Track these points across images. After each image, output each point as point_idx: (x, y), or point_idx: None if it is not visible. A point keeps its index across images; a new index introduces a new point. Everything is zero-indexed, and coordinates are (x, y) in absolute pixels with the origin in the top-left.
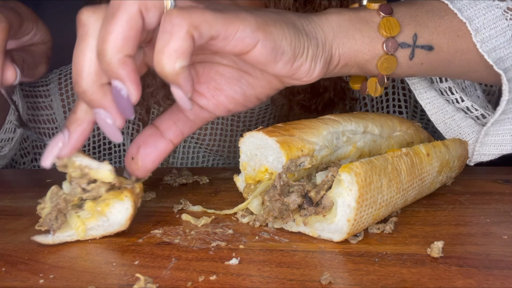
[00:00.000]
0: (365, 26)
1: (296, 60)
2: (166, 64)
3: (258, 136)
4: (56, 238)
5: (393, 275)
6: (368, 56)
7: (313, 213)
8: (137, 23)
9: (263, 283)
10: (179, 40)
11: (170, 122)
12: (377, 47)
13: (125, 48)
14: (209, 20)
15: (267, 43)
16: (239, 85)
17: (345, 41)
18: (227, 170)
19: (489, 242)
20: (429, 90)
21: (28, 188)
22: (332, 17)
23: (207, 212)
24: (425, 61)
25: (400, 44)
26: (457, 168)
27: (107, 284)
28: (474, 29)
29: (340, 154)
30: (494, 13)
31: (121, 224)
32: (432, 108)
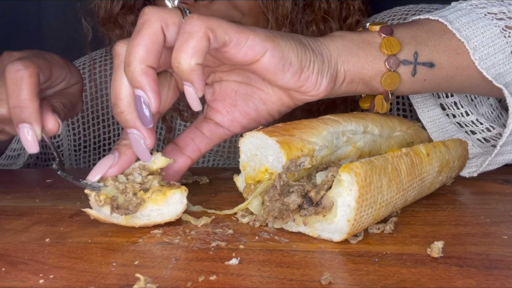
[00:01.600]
0: (367, 46)
1: (303, 72)
2: (183, 60)
3: (258, 136)
4: (106, 216)
5: (393, 275)
6: (371, 72)
7: (313, 213)
8: (158, 37)
9: (263, 283)
10: (197, 39)
11: (188, 139)
12: (380, 64)
13: (147, 59)
14: (224, 26)
15: (275, 52)
16: (252, 101)
17: (349, 59)
18: (227, 170)
19: (489, 242)
20: (432, 109)
21: (28, 188)
22: (337, 38)
23: (207, 212)
24: (428, 77)
25: (402, 61)
26: (457, 168)
27: (107, 284)
28: (472, 48)
29: (340, 154)
30: (493, 32)
31: (176, 214)
32: (433, 126)
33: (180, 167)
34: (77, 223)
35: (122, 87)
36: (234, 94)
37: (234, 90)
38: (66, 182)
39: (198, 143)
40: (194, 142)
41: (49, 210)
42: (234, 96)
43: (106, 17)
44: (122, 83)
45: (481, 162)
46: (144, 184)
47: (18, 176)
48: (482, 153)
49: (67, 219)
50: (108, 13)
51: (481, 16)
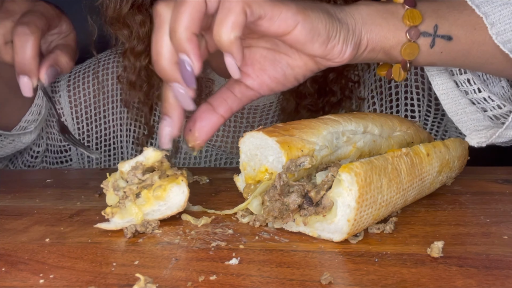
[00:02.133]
0: (390, 16)
1: (330, 42)
2: (224, 34)
3: (258, 136)
4: (117, 224)
5: (393, 275)
6: (393, 42)
7: (313, 213)
8: (201, 6)
9: (263, 283)
10: (236, 14)
11: (221, 99)
12: (401, 35)
13: (192, 26)
14: (259, 1)
15: (306, 25)
16: (280, 66)
17: (372, 28)
18: (227, 170)
19: (489, 242)
20: (446, 82)
21: (28, 188)
22: (362, 7)
23: (207, 212)
24: (445, 50)
25: (422, 33)
26: (457, 168)
27: (107, 284)
28: (490, 23)
29: (340, 154)
30: (510, 10)
31: (180, 205)
32: (446, 98)
33: (214, 124)
34: (77, 223)
35: (163, 45)
36: (263, 60)
37: (263, 56)
38: (67, 182)
39: (230, 103)
40: (227, 102)
41: (49, 210)
42: (263, 61)
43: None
44: (164, 42)
45: (491, 134)
46: (144, 181)
47: (18, 176)
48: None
49: (67, 219)
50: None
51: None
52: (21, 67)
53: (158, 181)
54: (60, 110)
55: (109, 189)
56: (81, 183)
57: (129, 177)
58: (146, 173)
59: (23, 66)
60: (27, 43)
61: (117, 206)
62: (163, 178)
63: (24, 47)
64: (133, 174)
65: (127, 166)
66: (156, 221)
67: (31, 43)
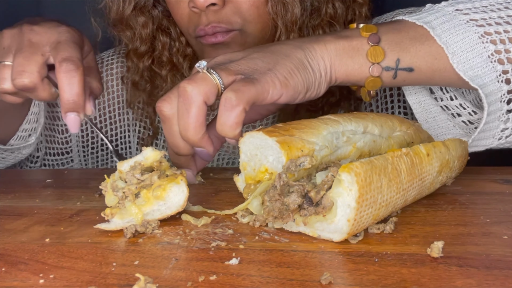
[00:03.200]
0: (356, 53)
1: (308, 93)
2: (230, 133)
3: (258, 136)
4: (117, 225)
5: (393, 275)
6: (358, 78)
7: (313, 213)
8: (204, 110)
9: (263, 283)
10: (238, 115)
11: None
12: (365, 71)
13: (200, 131)
14: (253, 94)
15: (288, 93)
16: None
17: (340, 67)
18: (227, 170)
19: (489, 242)
20: (419, 92)
21: (28, 188)
22: (330, 45)
23: (207, 212)
24: (407, 79)
25: (384, 68)
26: (457, 168)
27: (107, 284)
28: (451, 53)
29: (340, 154)
30: (471, 38)
31: (180, 205)
32: (418, 107)
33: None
34: (77, 223)
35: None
36: None
37: None
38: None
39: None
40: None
41: (49, 210)
42: None
43: (117, 18)
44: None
45: None
46: (143, 181)
47: (18, 176)
48: (463, 134)
49: (67, 219)
50: (120, 14)
51: (462, 23)
52: (69, 105)
53: (157, 181)
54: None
55: (108, 190)
56: (81, 183)
57: (127, 177)
58: (145, 173)
59: (72, 104)
60: (74, 79)
61: (117, 207)
62: (163, 178)
63: (72, 84)
64: (132, 174)
65: (126, 166)
66: (156, 221)
67: (78, 79)
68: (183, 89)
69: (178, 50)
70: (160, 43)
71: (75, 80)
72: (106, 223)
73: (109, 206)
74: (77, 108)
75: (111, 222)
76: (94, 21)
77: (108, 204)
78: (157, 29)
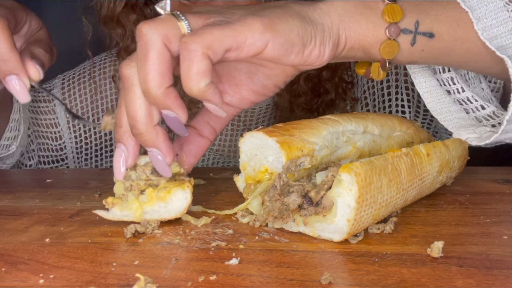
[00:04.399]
0: (369, 11)
1: (306, 49)
2: (193, 87)
3: (258, 136)
4: (115, 215)
5: (393, 275)
6: (371, 40)
7: (313, 213)
8: (166, 56)
9: (263, 283)
10: (198, 63)
11: (203, 122)
12: (380, 32)
13: (164, 81)
14: (219, 37)
15: (276, 41)
16: (257, 78)
17: (350, 25)
18: (227, 170)
19: (489, 242)
20: (429, 80)
21: (28, 188)
22: (338, 2)
23: (207, 212)
24: (426, 48)
25: (402, 30)
26: (457, 168)
27: (107, 284)
28: (476, 18)
29: (340, 154)
30: (496, 5)
31: (179, 211)
32: (429, 97)
33: (201, 147)
34: (77, 223)
35: (137, 109)
36: (237, 74)
37: (237, 70)
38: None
39: (213, 124)
40: (210, 124)
41: (49, 210)
42: (238, 75)
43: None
44: (137, 105)
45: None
46: (151, 180)
47: (18, 176)
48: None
49: (67, 219)
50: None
51: None
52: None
53: (164, 183)
54: (55, 120)
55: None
56: (81, 183)
57: (138, 172)
58: (155, 173)
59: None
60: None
61: (119, 198)
62: (170, 182)
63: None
64: (142, 170)
65: (143, 161)
66: (156, 221)
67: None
68: (139, 31)
69: None
70: None
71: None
72: (105, 211)
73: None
74: (13, 69)
75: (110, 212)
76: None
77: (116, 192)
78: None
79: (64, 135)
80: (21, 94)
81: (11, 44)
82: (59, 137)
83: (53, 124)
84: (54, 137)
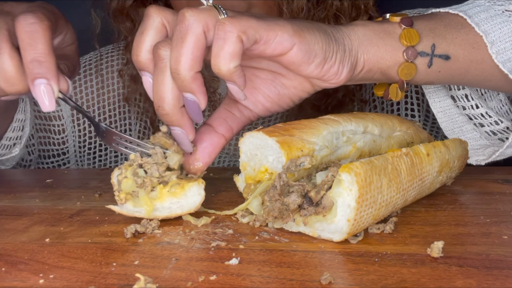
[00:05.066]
0: (387, 36)
1: (326, 63)
2: (222, 66)
3: (258, 136)
4: (128, 211)
5: (393, 275)
6: (390, 62)
7: (313, 213)
8: (202, 42)
9: (263, 283)
10: (232, 44)
11: (220, 119)
12: (398, 55)
13: (195, 66)
14: (254, 26)
15: (302, 46)
16: (273, 85)
17: (369, 48)
18: (227, 170)
19: (489, 242)
20: (443, 100)
21: (28, 188)
22: (358, 27)
23: (208, 212)
24: (443, 69)
25: (419, 52)
26: (457, 168)
27: (107, 284)
28: (490, 42)
29: (340, 154)
30: (509, 28)
31: (194, 206)
32: (443, 116)
33: (216, 145)
34: (77, 223)
35: (166, 90)
36: (255, 79)
37: (255, 75)
38: (67, 182)
39: (230, 122)
40: (226, 122)
41: (49, 210)
42: (256, 80)
43: (118, 9)
44: (167, 86)
45: (490, 152)
46: (162, 177)
47: (18, 176)
48: (488, 145)
49: (67, 219)
50: (121, 5)
51: (499, 13)
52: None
53: (175, 180)
54: (60, 112)
55: (128, 175)
56: (81, 183)
57: (152, 170)
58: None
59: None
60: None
61: (130, 194)
62: (180, 178)
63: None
64: (157, 168)
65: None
66: (156, 221)
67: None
68: (181, 15)
69: None
70: None
71: (39, 35)
72: (118, 206)
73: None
74: (46, 73)
75: (123, 207)
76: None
77: (124, 189)
78: None
79: (67, 128)
80: (47, 101)
81: (50, 46)
82: (62, 130)
83: (56, 116)
84: (57, 130)
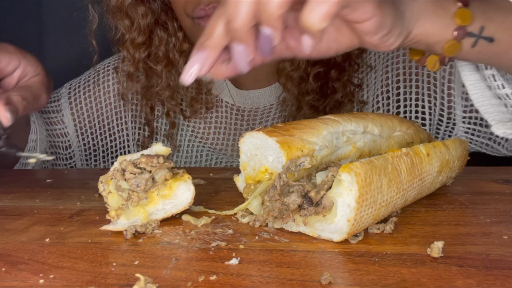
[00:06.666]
0: (443, 12)
1: (388, 36)
2: (315, 23)
3: (258, 136)
4: (124, 225)
5: (393, 275)
6: (438, 38)
7: (313, 213)
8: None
9: (263, 283)
10: (331, 5)
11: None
12: (448, 32)
13: (286, 6)
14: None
15: (379, 19)
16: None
17: (424, 24)
18: (227, 170)
19: (489, 242)
20: (474, 73)
21: (28, 188)
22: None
23: (208, 212)
24: (484, 50)
25: (468, 33)
26: (457, 168)
27: (107, 284)
28: None
29: (340, 154)
30: None
31: (187, 203)
32: (474, 89)
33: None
34: (77, 223)
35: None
36: None
37: None
38: (67, 182)
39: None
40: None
41: (49, 210)
42: None
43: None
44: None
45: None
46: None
47: (18, 176)
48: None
49: (67, 219)
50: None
51: None
52: None
53: (162, 176)
54: (64, 129)
55: (112, 191)
56: (81, 183)
57: (137, 181)
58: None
59: None
60: None
61: (120, 208)
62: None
63: None
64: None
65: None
66: (156, 221)
67: None
68: None
69: (175, 45)
70: (157, 37)
71: None
72: (112, 224)
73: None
74: None
75: (117, 223)
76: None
77: (113, 206)
78: (155, 24)
79: (73, 144)
80: None
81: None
82: (69, 146)
83: (63, 133)
84: (64, 146)
